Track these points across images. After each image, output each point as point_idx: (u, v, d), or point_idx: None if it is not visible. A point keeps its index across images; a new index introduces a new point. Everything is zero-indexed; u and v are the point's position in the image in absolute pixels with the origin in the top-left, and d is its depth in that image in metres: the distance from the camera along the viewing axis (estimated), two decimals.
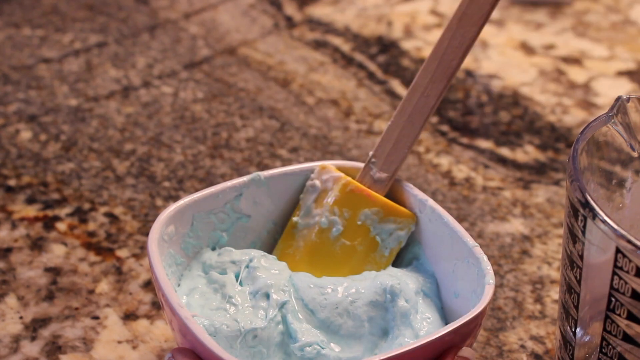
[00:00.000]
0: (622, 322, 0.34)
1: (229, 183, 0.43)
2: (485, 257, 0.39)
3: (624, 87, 0.72)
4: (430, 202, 0.43)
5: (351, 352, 0.39)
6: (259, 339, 0.38)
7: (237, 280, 0.41)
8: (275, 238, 0.45)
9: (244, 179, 0.44)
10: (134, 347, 0.45)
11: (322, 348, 0.38)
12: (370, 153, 0.44)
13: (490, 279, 0.38)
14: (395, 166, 0.43)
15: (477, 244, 0.40)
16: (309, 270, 0.42)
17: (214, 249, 0.43)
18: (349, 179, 0.43)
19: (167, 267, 0.40)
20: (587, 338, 0.37)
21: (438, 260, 0.42)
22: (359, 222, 0.43)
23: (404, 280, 0.41)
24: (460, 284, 0.41)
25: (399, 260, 0.44)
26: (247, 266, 0.41)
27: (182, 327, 0.36)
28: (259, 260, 0.41)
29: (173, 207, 0.41)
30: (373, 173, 0.43)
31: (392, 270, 0.42)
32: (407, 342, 0.38)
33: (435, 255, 0.43)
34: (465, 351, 0.36)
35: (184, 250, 0.42)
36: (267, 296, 0.39)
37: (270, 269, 0.41)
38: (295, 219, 0.44)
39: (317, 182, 0.44)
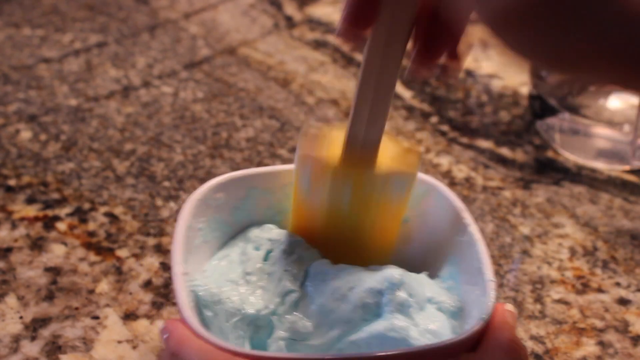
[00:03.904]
0: None
1: (287, 166, 0.43)
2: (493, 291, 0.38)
3: None
4: (472, 227, 0.41)
5: (328, 335, 0.38)
6: (253, 326, 0.38)
7: (265, 258, 0.41)
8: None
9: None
10: (134, 347, 0.45)
11: (296, 341, 0.38)
12: (350, 118, 0.40)
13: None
14: (380, 126, 0.40)
15: (493, 279, 0.38)
16: (325, 250, 0.42)
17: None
18: (337, 155, 0.41)
19: (211, 231, 0.41)
20: None
21: (468, 285, 0.40)
22: (364, 193, 0.42)
23: (421, 282, 0.40)
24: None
25: (440, 277, 0.43)
26: (276, 248, 0.41)
27: (173, 281, 0.37)
28: (289, 244, 0.41)
29: (227, 175, 0.42)
30: (361, 137, 0.40)
31: (418, 277, 0.41)
32: (397, 324, 0.37)
33: (466, 280, 0.41)
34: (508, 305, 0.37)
35: (233, 218, 0.43)
36: (280, 280, 0.40)
37: (293, 255, 0.41)
38: (300, 195, 0.43)
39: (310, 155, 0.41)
